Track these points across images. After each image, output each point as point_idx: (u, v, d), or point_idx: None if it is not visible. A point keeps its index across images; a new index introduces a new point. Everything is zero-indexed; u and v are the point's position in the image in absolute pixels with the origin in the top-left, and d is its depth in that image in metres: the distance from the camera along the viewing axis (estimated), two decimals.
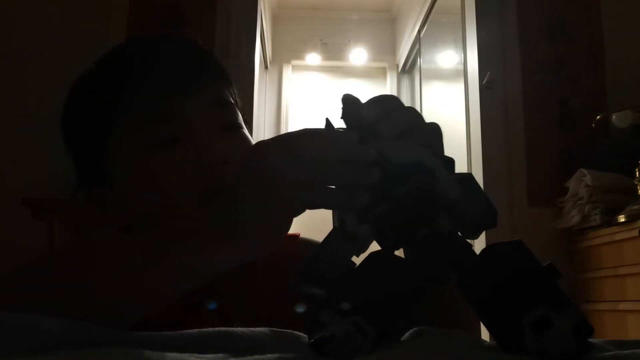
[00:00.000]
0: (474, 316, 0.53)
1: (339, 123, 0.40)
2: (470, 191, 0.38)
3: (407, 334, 0.38)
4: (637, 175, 1.85)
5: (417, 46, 3.76)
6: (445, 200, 0.37)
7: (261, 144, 0.39)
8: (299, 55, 4.43)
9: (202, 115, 0.57)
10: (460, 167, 3.00)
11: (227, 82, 0.63)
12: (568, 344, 0.33)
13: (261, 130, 3.75)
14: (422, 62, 3.70)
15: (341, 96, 0.40)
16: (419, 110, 0.43)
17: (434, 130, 0.41)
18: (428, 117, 0.40)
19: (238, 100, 0.64)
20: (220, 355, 0.32)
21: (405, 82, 4.34)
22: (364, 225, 0.36)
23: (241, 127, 0.61)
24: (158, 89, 0.56)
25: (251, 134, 0.64)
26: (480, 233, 0.38)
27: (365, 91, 4.53)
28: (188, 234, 0.41)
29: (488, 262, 0.36)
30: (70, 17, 2.25)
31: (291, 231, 0.46)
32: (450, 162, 0.39)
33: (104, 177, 0.58)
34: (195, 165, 0.54)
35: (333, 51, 4.44)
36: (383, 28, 4.52)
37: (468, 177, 0.39)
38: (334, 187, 0.38)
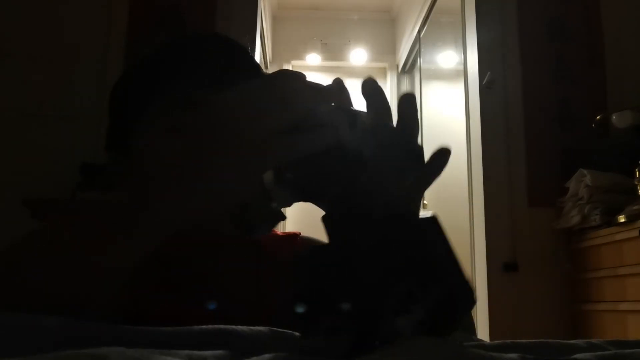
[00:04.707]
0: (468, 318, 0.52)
1: None
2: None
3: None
4: (637, 175, 1.85)
5: (417, 46, 3.76)
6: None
7: None
8: (299, 55, 4.43)
9: None
10: (461, 167, 2.96)
11: None
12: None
13: None
14: (422, 62, 3.70)
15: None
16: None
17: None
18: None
19: None
20: (219, 352, 0.32)
21: (405, 82, 4.34)
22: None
23: None
24: (192, 77, 0.59)
25: None
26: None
27: None
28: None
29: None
30: (70, 17, 2.25)
31: (291, 230, 0.46)
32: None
33: (128, 149, 0.62)
34: None
35: (333, 51, 4.44)
36: (383, 28, 4.52)
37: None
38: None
